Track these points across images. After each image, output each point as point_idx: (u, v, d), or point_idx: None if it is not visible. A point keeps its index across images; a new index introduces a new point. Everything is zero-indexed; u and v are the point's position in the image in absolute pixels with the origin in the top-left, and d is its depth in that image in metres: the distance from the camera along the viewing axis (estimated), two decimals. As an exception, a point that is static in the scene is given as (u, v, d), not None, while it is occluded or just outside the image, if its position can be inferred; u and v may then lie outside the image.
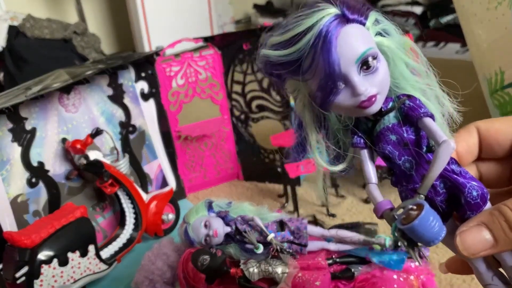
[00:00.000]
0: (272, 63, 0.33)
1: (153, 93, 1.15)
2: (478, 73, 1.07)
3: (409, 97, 0.33)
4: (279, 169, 1.19)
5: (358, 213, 1.07)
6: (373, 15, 0.32)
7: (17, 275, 0.76)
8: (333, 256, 0.76)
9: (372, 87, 0.31)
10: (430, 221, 0.29)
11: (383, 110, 0.33)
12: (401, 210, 0.31)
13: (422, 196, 0.30)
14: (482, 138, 0.37)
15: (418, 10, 2.39)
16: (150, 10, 2.49)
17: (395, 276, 0.72)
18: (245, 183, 1.29)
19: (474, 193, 0.31)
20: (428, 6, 2.38)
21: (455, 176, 0.32)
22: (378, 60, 0.31)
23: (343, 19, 0.31)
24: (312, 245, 0.77)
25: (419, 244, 0.31)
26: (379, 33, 0.33)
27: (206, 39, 1.22)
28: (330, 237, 0.78)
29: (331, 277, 0.73)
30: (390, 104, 0.33)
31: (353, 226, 0.89)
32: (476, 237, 0.30)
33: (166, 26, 2.53)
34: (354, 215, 1.06)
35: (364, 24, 0.32)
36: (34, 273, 0.78)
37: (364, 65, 0.31)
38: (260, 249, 0.73)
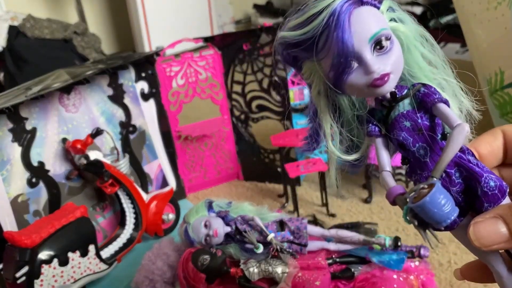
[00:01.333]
0: (288, 44, 0.33)
1: (153, 93, 1.15)
2: (478, 73, 1.07)
3: (424, 85, 0.33)
4: (279, 169, 1.19)
5: (358, 213, 1.07)
6: (387, 2, 0.33)
7: (18, 275, 0.76)
8: (333, 256, 0.76)
9: (386, 66, 0.31)
10: (441, 199, 0.29)
11: (397, 96, 0.33)
12: (413, 193, 0.30)
13: (435, 179, 0.30)
14: (509, 141, 0.36)
15: (417, 10, 2.39)
16: (150, 10, 2.49)
17: (395, 276, 0.72)
18: (245, 183, 1.29)
19: (492, 183, 0.30)
20: (428, 6, 2.38)
21: (471, 165, 0.31)
22: (392, 41, 0.32)
23: (357, 1, 0.31)
24: (312, 245, 0.77)
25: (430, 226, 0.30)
26: (394, 20, 0.33)
27: (206, 39, 1.22)
28: (330, 237, 0.78)
29: (331, 277, 0.73)
30: (405, 91, 0.33)
31: (353, 226, 0.90)
32: (490, 228, 0.29)
33: (166, 26, 2.53)
34: (354, 215, 1.06)
35: (378, 8, 0.32)
36: (35, 273, 0.78)
37: (377, 45, 0.31)
38: (260, 249, 0.73)
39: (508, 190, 0.31)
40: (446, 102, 0.32)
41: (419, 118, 0.32)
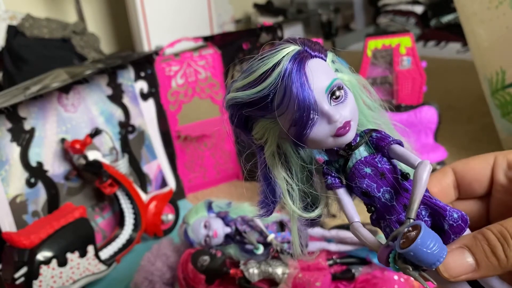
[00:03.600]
0: (241, 104, 0.33)
1: (153, 93, 1.15)
2: (479, 73, 1.07)
3: (374, 130, 0.34)
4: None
5: (359, 213, 1.06)
6: (330, 55, 0.34)
7: (16, 275, 0.76)
8: (334, 257, 0.76)
9: (346, 113, 0.32)
10: (431, 240, 0.28)
11: (352, 145, 0.33)
12: (398, 238, 0.29)
13: (413, 220, 0.30)
14: (460, 178, 0.37)
15: (419, 9, 2.39)
16: (149, 10, 2.48)
17: (395, 277, 0.71)
18: (245, 183, 1.29)
19: (455, 215, 0.31)
20: (429, 5, 2.38)
21: (434, 201, 0.32)
22: (345, 90, 0.32)
23: (307, 54, 0.31)
24: (313, 246, 0.76)
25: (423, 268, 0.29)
26: (337, 70, 0.34)
27: (205, 39, 1.22)
28: (330, 238, 0.78)
29: (332, 278, 0.72)
30: (358, 139, 0.34)
31: (353, 227, 0.89)
32: (458, 259, 0.30)
33: (165, 25, 2.52)
34: (354, 215, 1.06)
35: (325, 60, 0.33)
36: (33, 274, 0.78)
37: (333, 95, 0.31)
38: (260, 249, 0.73)
39: (469, 219, 0.31)
40: (400, 143, 0.33)
41: (379, 162, 0.33)
